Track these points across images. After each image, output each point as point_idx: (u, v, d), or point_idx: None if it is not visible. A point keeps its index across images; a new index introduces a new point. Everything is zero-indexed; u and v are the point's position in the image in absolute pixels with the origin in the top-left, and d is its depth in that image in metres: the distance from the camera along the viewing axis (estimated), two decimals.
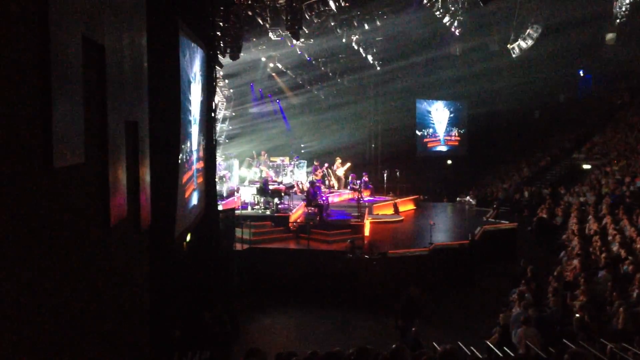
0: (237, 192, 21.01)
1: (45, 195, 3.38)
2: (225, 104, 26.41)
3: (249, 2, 18.73)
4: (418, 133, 35.57)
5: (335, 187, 25.20)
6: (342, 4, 18.95)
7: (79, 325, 4.17)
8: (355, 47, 24.02)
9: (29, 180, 3.15)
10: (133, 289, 6.34)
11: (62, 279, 3.74)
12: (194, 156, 12.39)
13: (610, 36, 31.62)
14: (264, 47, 23.63)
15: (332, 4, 18.64)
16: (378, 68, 27.51)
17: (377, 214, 22.46)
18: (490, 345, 10.59)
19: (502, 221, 21.39)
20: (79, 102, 3.84)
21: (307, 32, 20.33)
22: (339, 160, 25.60)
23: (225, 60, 19.74)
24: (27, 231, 3.13)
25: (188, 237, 12.22)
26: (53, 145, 3.27)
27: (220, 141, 24.84)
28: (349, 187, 24.42)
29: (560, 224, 21.03)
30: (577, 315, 10.84)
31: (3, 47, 2.85)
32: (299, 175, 24.96)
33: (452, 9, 21.46)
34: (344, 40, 22.86)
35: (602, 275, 13.02)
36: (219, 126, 23.24)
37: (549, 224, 21.23)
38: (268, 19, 19.41)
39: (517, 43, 24.85)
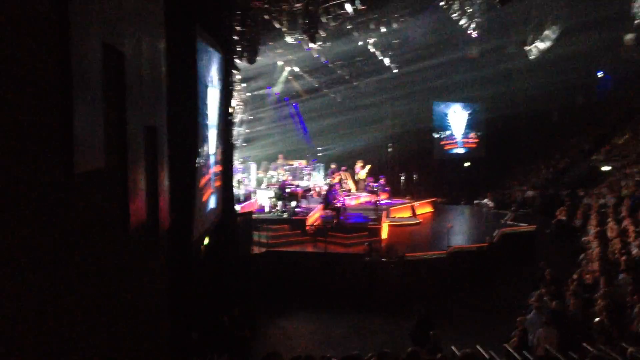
0: (254, 195, 21.07)
1: (65, 200, 3.43)
2: (242, 107, 26.52)
3: (266, 6, 18.81)
4: (435, 135, 35.40)
5: (353, 190, 25.18)
6: (359, 7, 18.97)
7: (98, 327, 4.21)
8: (372, 50, 24.04)
9: (50, 186, 3.20)
10: (152, 291, 6.39)
11: (82, 282, 3.79)
12: (212, 160, 12.47)
13: (629, 37, 31.28)
14: (281, 50, 23.71)
15: (348, 8, 18.68)
16: (395, 71, 27.48)
17: (395, 217, 22.39)
18: (509, 349, 10.52)
19: (521, 224, 21.23)
20: (99, 108, 3.89)
21: (323, 35, 20.37)
22: (360, 164, 25.58)
23: (242, 64, 19.84)
24: (48, 236, 3.18)
25: (206, 241, 12.29)
26: (74, 151, 3.31)
27: (237, 144, 24.93)
28: (366, 190, 24.40)
29: (579, 227, 20.84)
30: (597, 318, 10.76)
31: (24, 54, 2.90)
32: (316, 179, 24.98)
33: (469, 11, 21.39)
34: (360, 43, 22.90)
35: (623, 278, 12.89)
36: (235, 129, 23.33)
37: (568, 227, 21.06)
38: (285, 22, 19.47)
39: (534, 45, 24.71)
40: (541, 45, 24.53)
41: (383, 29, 22.23)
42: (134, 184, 4.89)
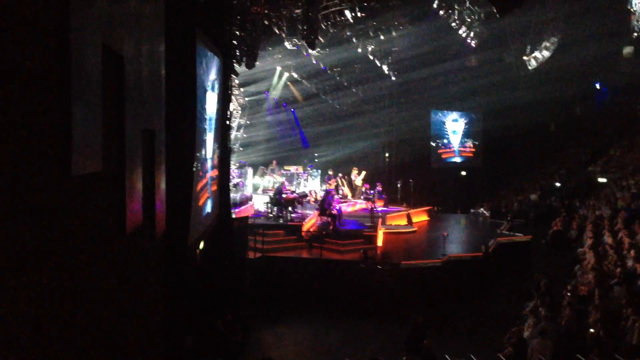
0: (251, 200, 21.04)
1: (63, 202, 3.42)
2: (240, 112, 26.52)
3: (266, 11, 18.84)
4: (432, 144, 35.47)
5: (349, 197, 25.17)
6: (358, 15, 19.01)
7: (93, 330, 4.19)
8: (371, 57, 24.09)
9: (48, 188, 3.18)
10: (147, 295, 6.37)
11: (78, 285, 3.77)
12: (209, 164, 12.45)
13: (627, 49, 31.45)
14: (280, 56, 23.76)
15: (348, 14, 18.73)
16: (393, 78, 27.53)
17: (391, 224, 22.36)
18: (504, 359, 10.50)
19: (517, 234, 21.21)
20: (97, 111, 3.88)
21: (323, 41, 20.40)
22: (355, 171, 25.57)
23: (240, 68, 19.85)
24: (46, 238, 3.16)
25: (201, 245, 12.25)
26: (72, 153, 3.30)
27: (235, 149, 24.92)
28: (362, 197, 24.38)
29: (575, 238, 20.83)
30: (592, 330, 10.74)
31: (25, 57, 2.89)
32: (313, 185, 24.96)
33: (469, 20, 21.45)
34: (359, 50, 22.93)
35: (617, 290, 12.88)
36: (233, 134, 23.33)
37: (564, 237, 21.04)
38: (284, 28, 19.52)
39: (533, 55, 24.77)
40: (540, 56, 24.57)
41: (382, 37, 22.27)
42: (131, 187, 4.88)
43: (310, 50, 21.01)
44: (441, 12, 20.67)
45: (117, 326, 4.88)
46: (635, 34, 23.93)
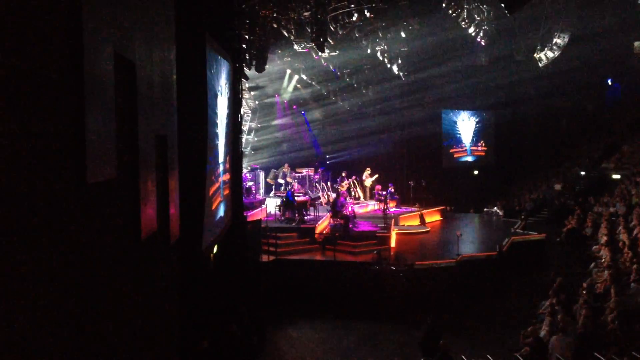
0: (263, 203, 21.08)
1: (78, 210, 3.43)
2: (250, 115, 26.58)
3: (275, 14, 18.88)
4: (444, 143, 35.38)
5: (361, 198, 25.15)
6: (367, 15, 18.98)
7: (109, 335, 4.21)
8: (380, 58, 24.04)
9: (63, 196, 3.20)
10: (162, 300, 6.38)
11: (94, 291, 3.79)
12: (221, 168, 12.47)
13: (638, 44, 31.19)
14: (289, 59, 23.79)
15: (356, 16, 18.70)
16: (403, 79, 27.47)
17: (404, 225, 22.33)
18: (520, 359, 10.44)
19: (531, 232, 21.12)
20: (111, 119, 3.90)
21: (332, 43, 20.40)
22: (368, 171, 25.56)
23: (250, 72, 19.88)
24: (62, 246, 3.18)
25: (215, 249, 12.28)
26: (86, 161, 3.32)
27: (246, 153, 24.98)
28: (375, 198, 24.35)
29: (589, 235, 20.70)
30: (609, 328, 10.66)
31: (38, 64, 2.91)
32: (325, 187, 24.97)
33: (478, 18, 21.36)
34: (368, 51, 22.90)
35: (634, 288, 12.78)
36: (244, 138, 23.40)
37: (579, 235, 20.92)
38: (293, 31, 19.54)
39: (543, 52, 24.62)
40: (550, 53, 24.41)
41: (391, 38, 22.22)
42: (145, 193, 4.89)
43: (319, 53, 21.01)
44: (450, 11, 20.59)
45: (132, 331, 4.90)
46: None
